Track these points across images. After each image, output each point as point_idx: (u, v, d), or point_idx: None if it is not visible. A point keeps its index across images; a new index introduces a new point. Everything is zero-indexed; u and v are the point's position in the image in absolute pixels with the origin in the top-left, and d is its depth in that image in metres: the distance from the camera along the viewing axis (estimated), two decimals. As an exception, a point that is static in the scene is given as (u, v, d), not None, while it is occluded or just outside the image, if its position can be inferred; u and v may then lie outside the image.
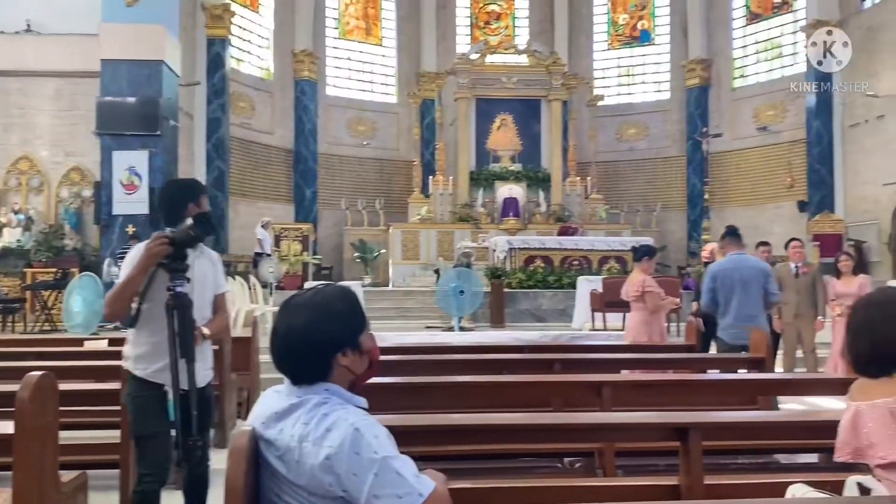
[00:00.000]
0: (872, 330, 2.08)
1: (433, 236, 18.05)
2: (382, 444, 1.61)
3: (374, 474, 1.57)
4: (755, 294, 5.86)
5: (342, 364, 1.73)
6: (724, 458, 3.99)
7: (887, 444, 1.99)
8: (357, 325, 1.77)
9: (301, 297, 1.79)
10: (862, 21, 17.27)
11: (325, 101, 20.83)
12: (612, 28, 22.88)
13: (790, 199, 18.82)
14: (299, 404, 1.70)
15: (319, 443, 1.61)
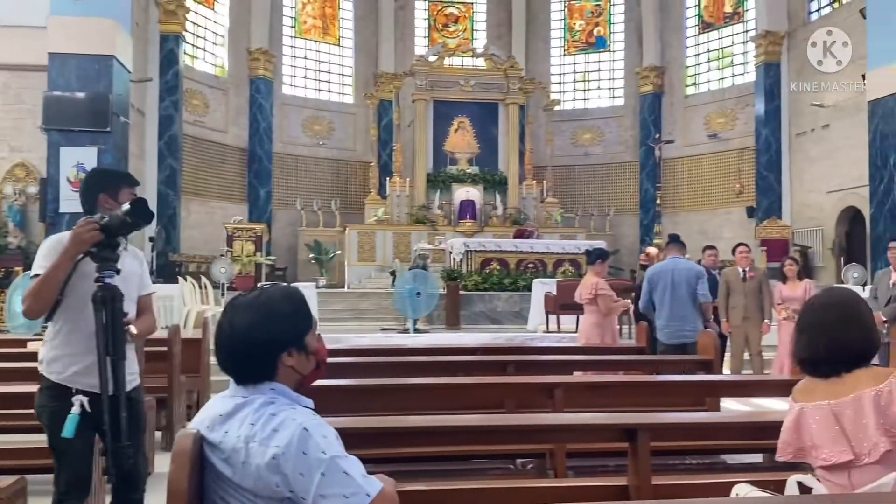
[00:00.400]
0: (826, 330, 2.10)
1: (389, 238, 18.01)
2: (330, 444, 1.60)
3: (321, 474, 1.56)
4: (685, 295, 6.15)
5: (287, 364, 1.72)
6: (672, 459, 4.06)
7: (831, 445, 2.01)
8: (302, 326, 1.76)
9: (245, 298, 1.77)
10: (809, 33, 17.76)
11: (280, 100, 20.62)
12: (569, 34, 23.15)
13: (739, 205, 19.28)
14: (244, 404, 1.68)
15: (266, 443, 1.59)
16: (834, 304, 2.17)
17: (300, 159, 20.82)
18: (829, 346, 2.08)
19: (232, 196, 19.57)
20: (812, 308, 2.21)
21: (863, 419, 1.98)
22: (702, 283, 6.32)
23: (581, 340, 6.91)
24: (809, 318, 2.18)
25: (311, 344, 1.76)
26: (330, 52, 22.02)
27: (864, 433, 1.97)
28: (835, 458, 2.00)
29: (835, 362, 2.08)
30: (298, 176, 20.73)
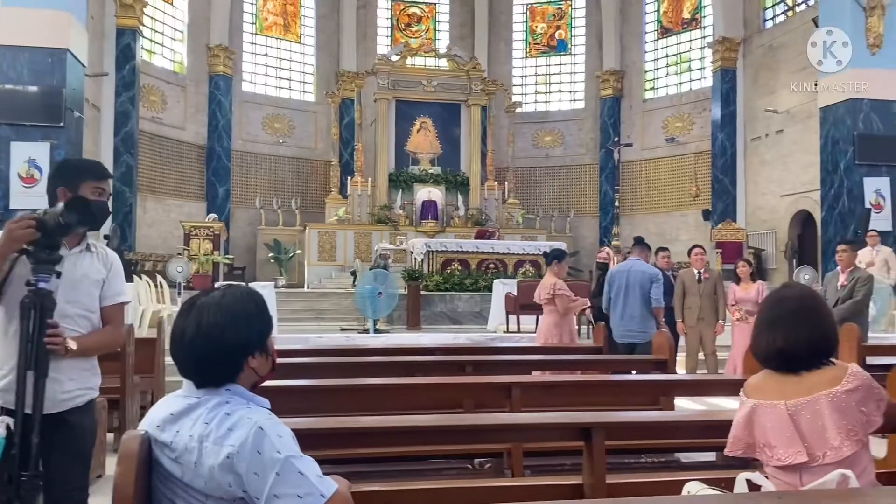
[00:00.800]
0: (788, 324, 2.11)
1: (350, 237, 17.91)
2: (286, 444, 1.59)
3: (275, 474, 1.54)
4: (638, 296, 6.33)
5: (251, 366, 1.71)
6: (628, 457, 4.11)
7: (786, 446, 2.03)
8: (266, 327, 1.76)
9: (208, 299, 1.73)
10: (763, 39, 18.20)
11: (240, 98, 20.36)
12: (531, 37, 23.31)
13: (695, 208, 19.64)
14: (198, 404, 1.66)
15: (221, 442, 1.57)
16: (795, 298, 2.18)
17: (260, 157, 20.60)
18: (789, 340, 2.09)
19: (190, 194, 19.28)
20: (774, 302, 2.21)
21: (820, 421, 1.99)
22: (656, 287, 6.44)
23: (539, 340, 6.96)
24: (771, 312, 2.18)
25: (270, 345, 1.76)
26: (291, 50, 21.81)
27: (821, 436, 1.98)
28: (790, 460, 2.02)
29: (795, 358, 2.09)
30: (258, 174, 20.50)
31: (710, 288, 7.95)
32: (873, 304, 8.64)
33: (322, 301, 14.15)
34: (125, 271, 2.89)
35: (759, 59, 18.30)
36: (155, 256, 16.27)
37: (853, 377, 2.02)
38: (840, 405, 1.98)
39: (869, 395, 2.02)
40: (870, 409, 2.01)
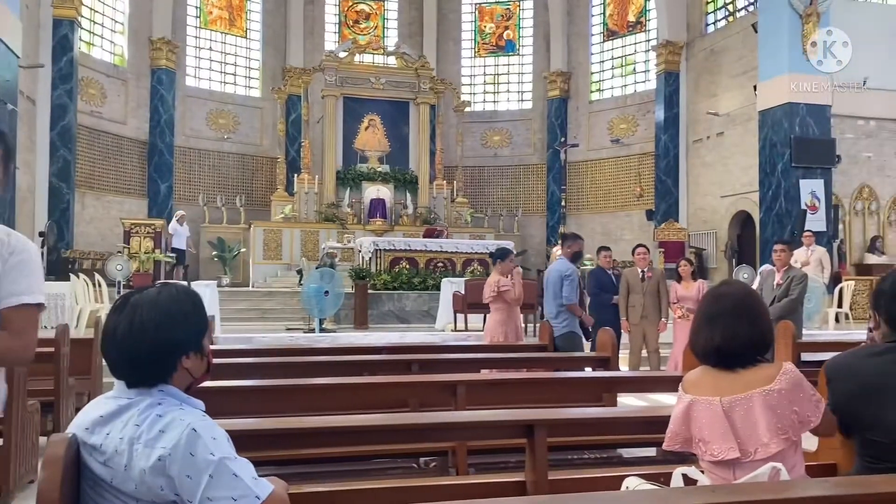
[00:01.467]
0: (726, 321, 2.13)
1: (297, 236, 17.70)
2: (220, 446, 1.55)
3: (209, 476, 1.51)
4: (551, 294, 6.52)
5: (185, 367, 1.67)
6: (571, 454, 4.15)
7: (720, 441, 2.06)
8: (202, 327, 1.72)
9: (142, 296, 1.68)
10: (706, 44, 18.65)
11: (183, 92, 19.92)
12: (479, 36, 23.41)
13: (639, 208, 20.01)
14: (129, 406, 1.61)
15: (152, 444, 1.53)
16: (734, 296, 2.21)
17: (203, 153, 20.19)
18: (726, 337, 2.12)
19: (130, 190, 18.79)
20: (713, 299, 2.24)
21: (752, 418, 2.03)
22: (566, 285, 6.45)
23: (486, 339, 7.00)
24: (710, 309, 2.21)
25: (206, 346, 1.72)
26: (236, 45, 21.45)
27: (753, 432, 2.02)
28: (722, 455, 2.06)
29: (732, 355, 2.12)
30: (202, 171, 20.09)
31: (654, 286, 8.10)
32: (808, 302, 8.93)
33: (267, 300, 13.96)
34: (62, 269, 2.60)
35: (701, 62, 18.75)
36: (94, 254, 15.78)
37: (786, 376, 2.06)
38: (772, 403, 2.03)
39: (801, 394, 2.05)
40: (804, 408, 2.04)
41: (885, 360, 2.18)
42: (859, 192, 15.40)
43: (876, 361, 2.20)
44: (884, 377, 2.15)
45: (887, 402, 2.11)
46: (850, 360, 2.29)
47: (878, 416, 2.10)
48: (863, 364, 2.22)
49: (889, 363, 2.17)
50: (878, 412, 2.10)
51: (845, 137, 15.05)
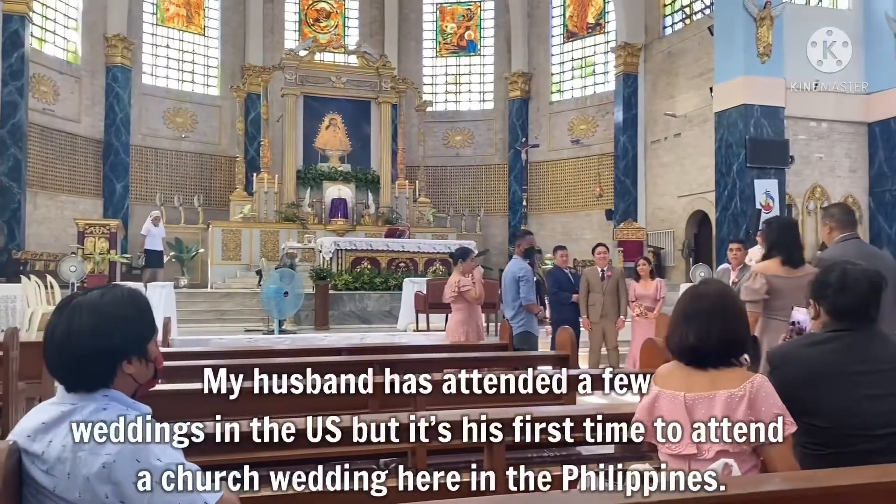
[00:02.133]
0: (703, 320, 2.15)
1: (256, 236, 17.50)
2: (167, 452, 1.53)
3: (155, 482, 1.48)
4: (509, 294, 6.53)
5: (127, 372, 1.62)
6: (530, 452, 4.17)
7: (678, 434, 2.09)
8: (147, 332, 1.67)
9: (85, 298, 1.64)
10: (663, 46, 18.93)
11: (139, 90, 19.55)
12: (441, 36, 23.42)
13: (599, 208, 20.23)
14: (73, 411, 1.56)
15: (97, 451, 1.49)
16: (712, 296, 2.23)
17: (161, 152, 19.83)
18: (700, 336, 2.14)
19: (85, 190, 18.37)
20: (691, 298, 2.26)
21: (711, 418, 2.05)
22: (522, 285, 6.48)
23: (448, 338, 7.00)
24: (687, 307, 2.22)
25: (152, 351, 1.67)
26: (194, 42, 21.11)
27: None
28: (678, 449, 2.09)
29: (705, 354, 2.14)
30: (159, 170, 19.74)
31: (613, 285, 8.20)
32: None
33: (226, 301, 13.78)
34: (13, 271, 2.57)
35: (658, 64, 19.03)
36: (46, 255, 15.39)
37: (751, 385, 2.07)
38: (732, 407, 2.05)
39: (763, 407, 2.04)
40: (763, 418, 2.03)
41: (830, 349, 2.24)
42: (812, 192, 15.78)
43: (820, 349, 2.26)
44: (828, 365, 2.20)
45: (832, 390, 2.16)
46: (794, 349, 2.34)
47: (822, 404, 2.15)
48: (806, 352, 2.27)
49: (833, 351, 2.23)
50: (823, 399, 2.16)
51: (798, 139, 15.41)
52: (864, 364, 2.20)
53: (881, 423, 2.12)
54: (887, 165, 15.59)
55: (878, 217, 15.89)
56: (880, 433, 2.11)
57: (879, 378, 2.17)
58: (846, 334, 2.25)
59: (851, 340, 2.24)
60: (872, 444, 2.04)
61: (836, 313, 2.29)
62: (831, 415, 2.11)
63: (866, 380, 2.17)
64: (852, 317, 2.27)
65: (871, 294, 2.26)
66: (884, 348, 2.25)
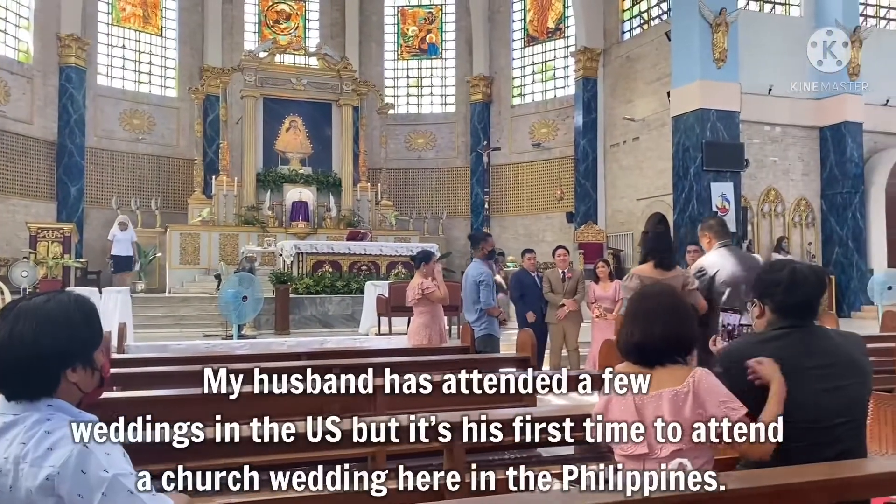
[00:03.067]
0: (646, 321, 2.21)
1: (215, 239, 17.25)
2: (114, 462, 1.47)
3: (101, 494, 1.43)
4: (469, 300, 6.54)
5: (71, 380, 1.57)
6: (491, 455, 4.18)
7: (630, 435, 2.12)
8: (92, 340, 1.61)
9: (28, 303, 1.58)
10: (622, 51, 19.18)
11: (94, 91, 19.15)
12: (402, 39, 23.40)
13: (560, 211, 20.41)
14: (14, 423, 1.50)
15: (39, 463, 1.44)
16: (655, 296, 2.28)
17: (117, 155, 19.44)
18: (644, 335, 2.19)
19: (38, 193, 17.92)
20: (637, 298, 2.31)
21: (660, 416, 2.09)
22: (483, 290, 6.47)
23: (410, 341, 6.98)
24: (632, 307, 2.28)
25: (98, 360, 1.62)
26: (151, 43, 20.76)
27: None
28: (631, 450, 2.12)
29: (649, 352, 2.18)
30: (115, 173, 19.34)
31: (573, 287, 8.27)
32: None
33: (184, 306, 13.55)
34: None
35: (617, 69, 19.28)
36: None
37: (693, 380, 2.10)
38: (678, 404, 2.08)
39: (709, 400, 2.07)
40: (713, 413, 2.06)
41: (781, 346, 2.27)
42: (766, 195, 16.14)
43: (775, 346, 2.28)
44: (782, 361, 2.23)
45: (794, 384, 2.20)
46: (744, 348, 2.35)
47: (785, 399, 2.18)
48: (761, 350, 2.29)
49: (785, 348, 2.26)
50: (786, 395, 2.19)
51: (753, 142, 15.76)
52: (815, 358, 2.25)
53: (834, 414, 2.17)
54: (838, 169, 16.03)
55: (829, 219, 16.33)
56: (833, 424, 2.16)
57: (831, 371, 2.22)
58: (794, 331, 2.30)
59: (800, 336, 2.29)
60: (826, 436, 2.09)
61: (784, 310, 2.33)
62: (789, 410, 2.14)
63: (819, 374, 2.22)
64: (801, 313, 2.31)
65: (818, 290, 2.32)
66: (829, 342, 2.30)
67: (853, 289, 15.67)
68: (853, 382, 2.22)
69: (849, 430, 2.19)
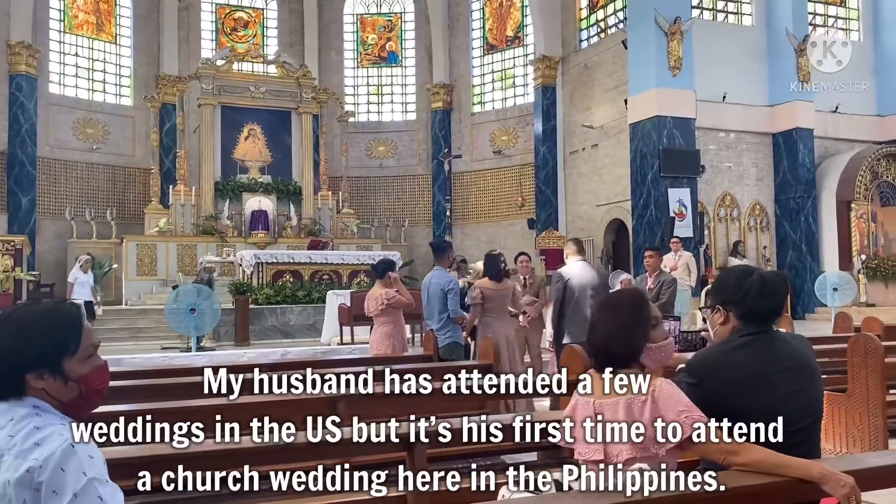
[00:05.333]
0: (607, 327, 2.23)
1: (173, 250, 16.97)
2: (94, 466, 1.49)
3: (73, 494, 1.44)
4: (435, 308, 6.47)
5: (36, 386, 1.58)
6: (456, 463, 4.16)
7: (588, 441, 2.13)
8: (55, 348, 1.60)
9: (5, 310, 1.66)
10: (580, 59, 19.40)
11: (46, 100, 18.72)
12: (362, 47, 23.36)
13: (521, 217, 20.53)
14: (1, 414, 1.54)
15: (24, 455, 1.46)
16: (612, 304, 2.31)
17: (70, 165, 19.01)
18: (606, 341, 2.21)
19: (-12, 205, 17.44)
20: (598, 306, 2.38)
21: (616, 423, 2.09)
22: (450, 297, 6.43)
23: (372, 352, 6.93)
24: (598, 314, 2.30)
25: (72, 370, 1.61)
26: (105, 51, 20.38)
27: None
28: (588, 455, 2.12)
29: (606, 358, 2.20)
30: (68, 183, 18.91)
31: (534, 293, 8.30)
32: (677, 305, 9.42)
33: (141, 318, 13.30)
34: None
35: (575, 77, 19.49)
36: (-57, 274, 14.52)
37: (653, 389, 2.09)
38: (634, 412, 2.08)
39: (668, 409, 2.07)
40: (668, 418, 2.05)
41: (753, 351, 2.29)
42: (722, 200, 16.44)
43: (744, 353, 2.29)
44: (759, 367, 2.26)
45: (764, 391, 2.22)
46: (717, 356, 2.35)
47: (755, 406, 2.19)
48: (732, 358, 2.30)
49: (758, 353, 2.28)
50: (756, 401, 2.20)
51: (708, 149, 16.05)
52: (780, 363, 2.27)
53: (798, 418, 2.21)
54: (791, 174, 16.41)
55: (783, 223, 16.70)
56: (796, 429, 2.19)
57: (793, 375, 2.26)
58: (759, 336, 2.32)
59: (765, 342, 2.31)
60: (795, 438, 2.12)
61: (751, 317, 2.34)
62: (759, 416, 2.15)
63: (787, 377, 2.25)
64: (767, 319, 2.34)
65: (785, 296, 2.35)
66: (789, 346, 2.34)
67: (807, 291, 16.03)
68: (813, 383, 2.27)
69: (810, 433, 2.23)
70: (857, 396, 4.81)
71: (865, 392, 4.75)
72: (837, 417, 4.90)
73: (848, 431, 4.84)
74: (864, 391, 4.75)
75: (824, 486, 1.95)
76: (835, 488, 1.93)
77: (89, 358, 1.64)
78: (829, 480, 1.94)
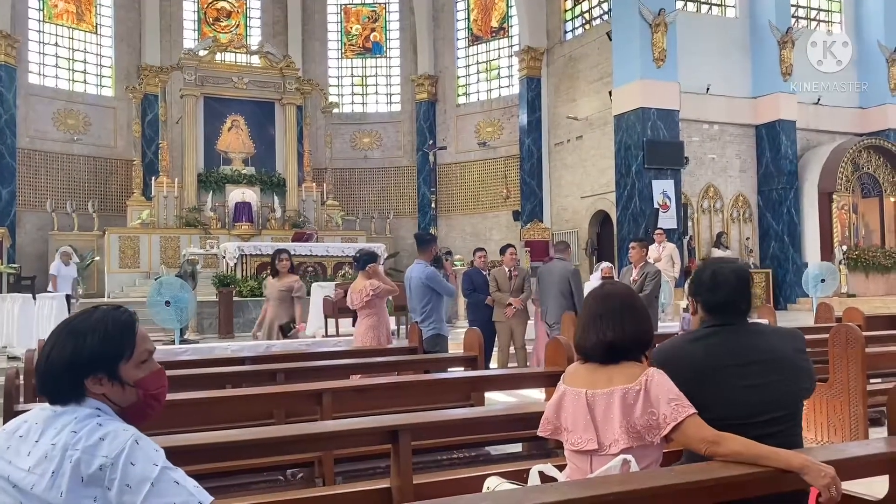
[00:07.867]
0: (599, 320, 2.23)
1: (156, 242, 16.82)
2: (161, 457, 1.54)
3: (150, 484, 1.49)
4: (417, 300, 6.42)
5: (95, 391, 1.62)
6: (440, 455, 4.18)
7: (581, 432, 2.14)
8: (110, 353, 1.64)
9: (70, 317, 1.73)
10: (565, 51, 19.41)
11: (26, 90, 18.48)
12: (346, 38, 23.22)
13: (506, 209, 20.55)
14: (62, 414, 1.59)
15: (92, 451, 1.50)
16: (601, 297, 2.30)
17: (51, 156, 18.80)
18: (598, 334, 2.21)
19: (-34, 196, 17.20)
20: (588, 299, 2.35)
21: (610, 413, 2.11)
22: (437, 285, 6.41)
23: (356, 344, 6.91)
24: (598, 306, 2.29)
25: (128, 375, 1.64)
26: (86, 41, 20.13)
27: (609, 427, 2.11)
28: (581, 445, 2.14)
29: (602, 351, 2.20)
30: (49, 174, 18.70)
31: (519, 285, 8.32)
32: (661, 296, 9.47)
33: (125, 311, 13.16)
34: None
35: (560, 68, 19.50)
36: (-78, 267, 14.35)
37: (645, 379, 2.13)
38: (629, 402, 2.11)
39: (660, 398, 2.10)
40: (663, 411, 2.09)
41: (712, 343, 2.33)
42: (705, 192, 16.54)
43: (703, 345, 2.34)
44: (713, 358, 2.29)
45: (721, 382, 2.25)
46: (677, 347, 2.41)
47: (713, 397, 2.23)
48: (690, 349, 2.35)
49: (716, 345, 2.32)
50: (714, 393, 2.24)
51: (692, 140, 16.13)
52: (741, 356, 2.30)
53: (760, 411, 2.23)
54: (773, 166, 16.54)
55: (766, 214, 16.84)
56: (759, 421, 2.21)
57: (757, 369, 2.29)
58: (722, 329, 2.36)
59: (728, 334, 2.35)
60: (753, 432, 2.14)
61: (709, 309, 2.41)
62: (716, 407, 2.19)
63: (745, 371, 2.28)
64: (725, 311, 2.38)
65: (739, 289, 2.38)
66: (758, 340, 2.36)
67: (789, 282, 16.19)
68: (779, 379, 2.28)
69: (781, 426, 2.25)
70: (838, 386, 4.86)
71: (846, 382, 4.81)
72: (819, 407, 4.96)
73: (829, 421, 4.90)
74: (846, 381, 4.81)
75: (805, 477, 1.97)
76: (815, 479, 1.95)
77: (144, 362, 1.68)
78: (810, 471, 1.97)
